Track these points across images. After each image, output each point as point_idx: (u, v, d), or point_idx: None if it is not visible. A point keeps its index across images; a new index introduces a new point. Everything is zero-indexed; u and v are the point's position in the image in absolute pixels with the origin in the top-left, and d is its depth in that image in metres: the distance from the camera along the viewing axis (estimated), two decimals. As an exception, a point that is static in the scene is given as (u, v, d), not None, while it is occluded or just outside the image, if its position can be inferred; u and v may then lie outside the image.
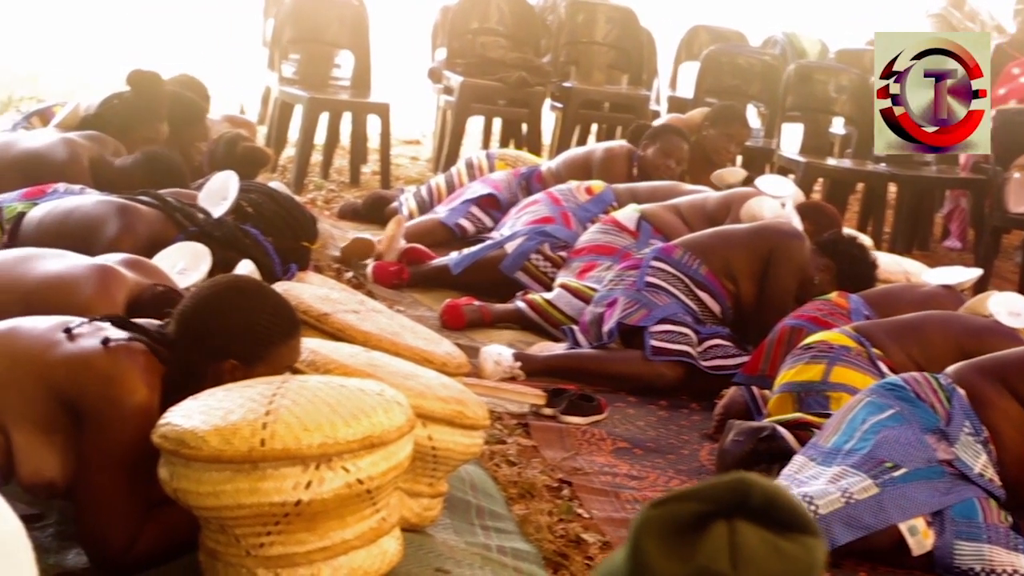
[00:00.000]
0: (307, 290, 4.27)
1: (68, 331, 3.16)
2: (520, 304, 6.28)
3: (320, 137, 9.45)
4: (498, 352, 5.53)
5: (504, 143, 10.14)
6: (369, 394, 3.05)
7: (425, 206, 7.82)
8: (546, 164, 7.83)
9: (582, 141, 10.29)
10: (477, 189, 7.54)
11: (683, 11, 12.25)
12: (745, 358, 5.45)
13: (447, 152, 9.47)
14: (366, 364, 3.56)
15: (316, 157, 9.51)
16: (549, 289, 6.40)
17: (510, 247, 6.72)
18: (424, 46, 10.52)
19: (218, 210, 4.67)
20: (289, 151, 9.54)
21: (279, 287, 4.08)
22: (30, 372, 3.14)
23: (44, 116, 6.38)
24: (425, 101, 10.89)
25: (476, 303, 6.25)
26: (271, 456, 2.85)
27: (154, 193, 4.70)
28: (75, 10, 13.87)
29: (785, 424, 4.53)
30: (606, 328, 5.69)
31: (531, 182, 7.48)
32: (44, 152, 5.39)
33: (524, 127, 9.80)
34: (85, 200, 4.67)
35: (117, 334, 3.16)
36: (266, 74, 9.82)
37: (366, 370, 3.48)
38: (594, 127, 10.59)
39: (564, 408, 5.14)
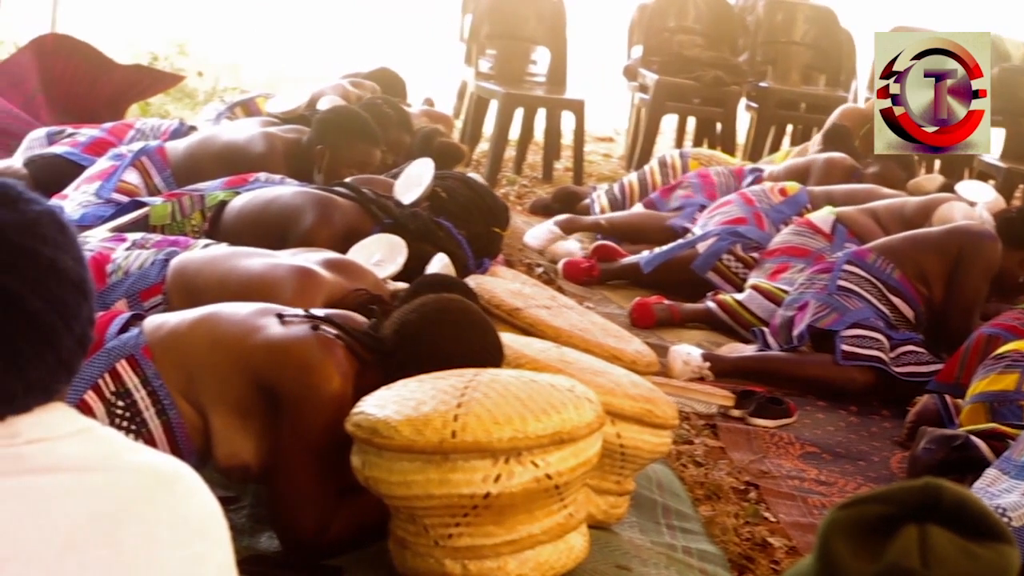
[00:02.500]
0: (499, 284, 4.30)
1: (281, 316, 3.22)
2: (710, 304, 6.25)
3: (514, 132, 9.51)
4: (687, 352, 5.52)
5: (698, 142, 10.10)
6: (560, 390, 3.06)
7: (617, 204, 7.83)
8: (769, 168, 7.75)
9: (777, 142, 10.21)
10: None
11: (884, 11, 12.07)
12: (939, 365, 5.36)
13: (640, 150, 9.47)
14: (557, 359, 3.57)
15: (510, 152, 9.57)
16: (740, 290, 6.36)
17: (702, 247, 6.69)
18: (620, 43, 10.52)
19: (411, 195, 4.73)
20: (483, 146, 9.62)
21: (472, 280, 4.12)
22: (230, 356, 3.19)
23: (247, 107, 6.49)
24: (620, 98, 10.88)
25: (666, 302, 6.24)
26: (462, 448, 2.87)
27: (350, 185, 4.76)
28: (278, 1, 14.10)
29: (979, 434, 4.45)
30: (796, 331, 5.64)
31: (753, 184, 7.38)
32: (244, 144, 5.49)
33: (718, 126, 9.76)
34: (284, 190, 4.74)
35: (321, 328, 3.20)
36: (463, 69, 9.91)
37: (557, 365, 3.49)
38: (789, 128, 10.49)
39: (753, 410, 5.11)
